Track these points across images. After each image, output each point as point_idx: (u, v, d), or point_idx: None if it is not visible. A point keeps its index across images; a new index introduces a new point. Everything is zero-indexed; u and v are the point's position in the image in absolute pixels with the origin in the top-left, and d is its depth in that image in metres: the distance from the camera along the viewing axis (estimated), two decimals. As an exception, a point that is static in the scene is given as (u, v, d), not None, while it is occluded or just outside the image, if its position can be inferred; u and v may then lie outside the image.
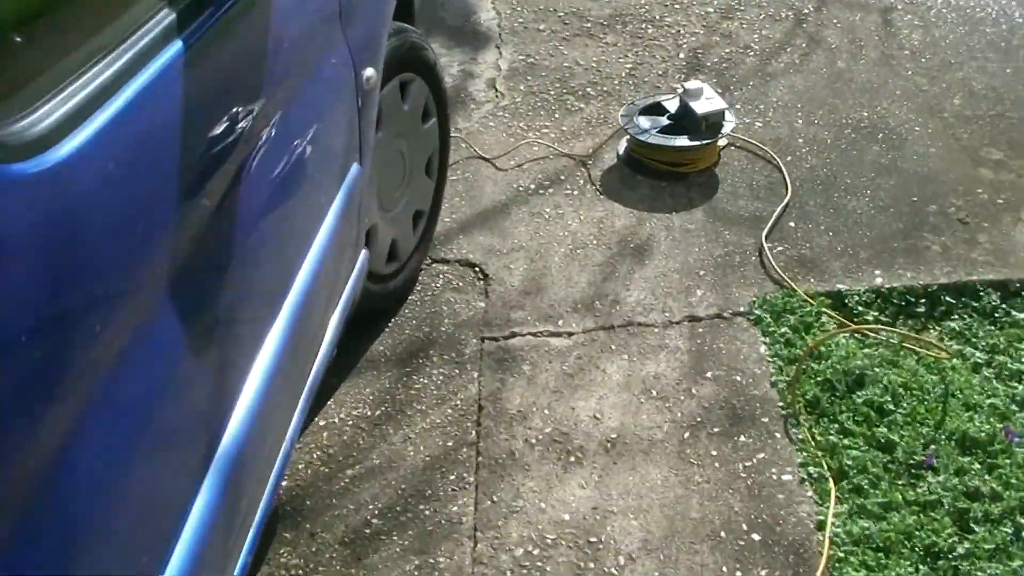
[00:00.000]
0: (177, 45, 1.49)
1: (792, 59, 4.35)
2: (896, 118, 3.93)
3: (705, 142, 3.56)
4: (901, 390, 2.77)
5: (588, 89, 4.17)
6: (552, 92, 4.16)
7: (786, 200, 3.49)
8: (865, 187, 3.54)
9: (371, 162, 2.55)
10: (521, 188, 3.61)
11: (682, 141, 3.54)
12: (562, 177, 3.65)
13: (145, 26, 1.45)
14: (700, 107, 3.57)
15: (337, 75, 2.20)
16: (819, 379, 2.81)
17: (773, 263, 3.19)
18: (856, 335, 3.00)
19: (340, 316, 2.46)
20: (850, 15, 4.69)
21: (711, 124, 3.58)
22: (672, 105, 3.71)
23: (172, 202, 1.45)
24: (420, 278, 3.24)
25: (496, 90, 4.19)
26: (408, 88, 2.91)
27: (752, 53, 4.40)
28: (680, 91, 3.66)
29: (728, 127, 3.59)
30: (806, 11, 4.74)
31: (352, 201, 2.37)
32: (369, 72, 2.37)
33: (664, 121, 3.66)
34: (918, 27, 4.59)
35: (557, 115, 4.01)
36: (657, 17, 4.71)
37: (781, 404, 2.74)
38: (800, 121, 3.91)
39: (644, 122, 3.64)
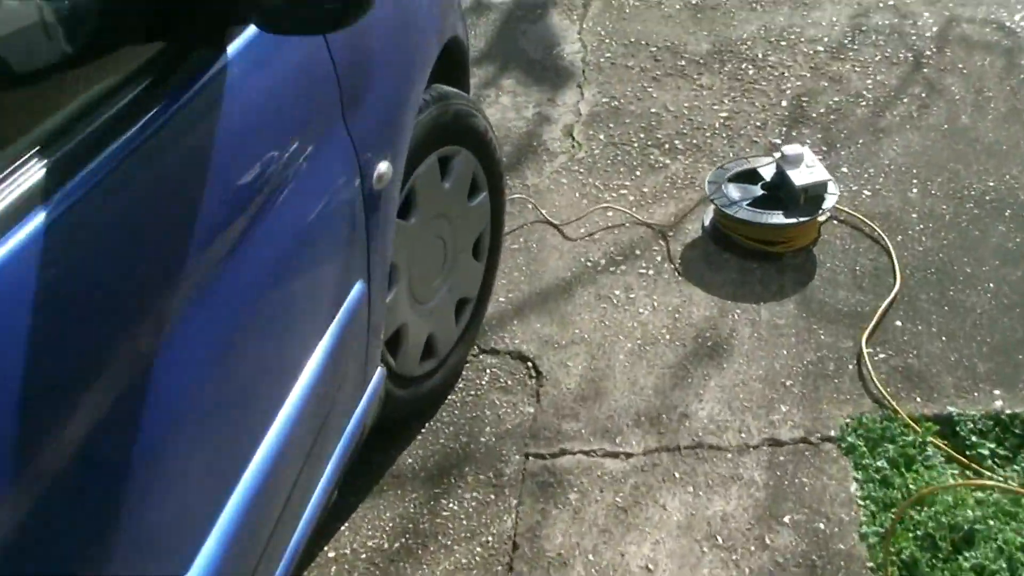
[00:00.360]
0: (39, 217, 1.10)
1: (909, 111, 3.83)
2: (1028, 191, 3.40)
3: (803, 220, 3.07)
4: (1020, 554, 2.28)
5: (676, 141, 3.70)
6: (635, 144, 3.70)
7: (893, 292, 3.00)
8: (987, 279, 3.03)
9: (385, 273, 2.15)
10: (590, 263, 3.17)
11: (776, 218, 3.06)
12: (637, 251, 3.20)
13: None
14: (799, 177, 3.10)
15: (330, 179, 1.81)
16: (918, 532, 2.36)
17: (873, 375, 2.72)
18: (967, 471, 2.51)
19: (341, 456, 2.07)
20: (976, 59, 4.15)
21: (811, 197, 3.11)
22: (767, 172, 3.24)
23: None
24: (464, 372, 2.82)
25: (573, 139, 3.75)
26: (451, 163, 2.51)
27: (864, 103, 3.89)
28: (777, 156, 3.19)
29: (830, 202, 3.11)
30: (927, 52, 4.21)
31: (355, 325, 1.97)
32: (382, 168, 1.97)
33: (757, 191, 3.19)
34: (1057, 76, 4.03)
35: (638, 172, 3.56)
36: (760, 56, 4.21)
37: (871, 565, 2.29)
38: (915, 190, 3.40)
39: (734, 191, 3.18)
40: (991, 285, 3.02)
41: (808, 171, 3.14)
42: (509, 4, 4.78)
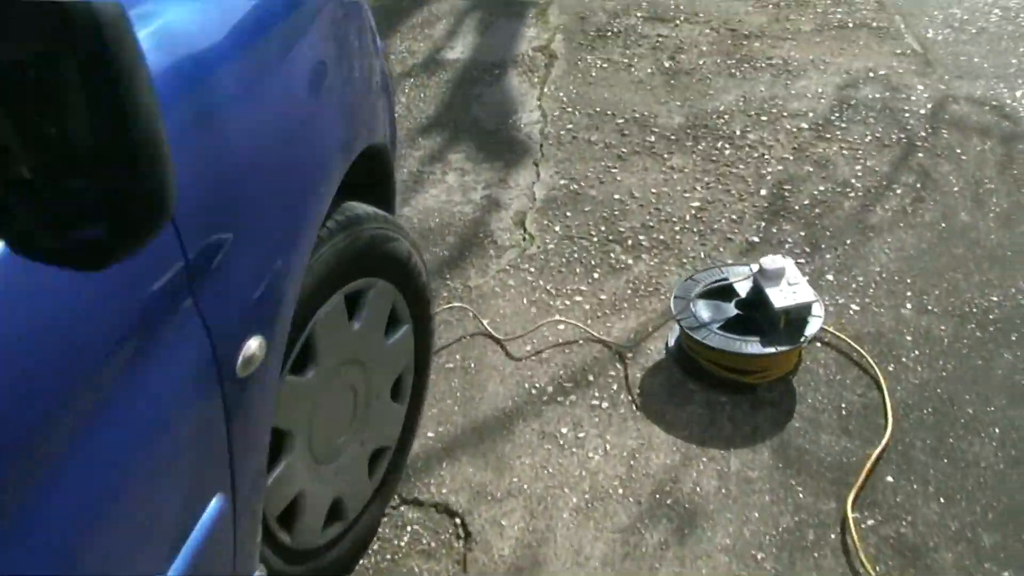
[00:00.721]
0: None
1: (902, 205, 3.41)
2: (1035, 308, 2.96)
3: (782, 349, 2.63)
4: None
5: (640, 236, 3.25)
6: (595, 238, 3.25)
7: (885, 440, 2.58)
8: (992, 422, 2.60)
9: (260, 470, 1.70)
10: (535, 390, 2.71)
11: (752, 346, 2.63)
12: (590, 377, 2.75)
13: None
14: (779, 298, 2.66)
15: (167, 384, 1.35)
16: None
17: (859, 548, 2.30)
18: None
19: None
20: (974, 142, 3.73)
21: (792, 320, 2.66)
22: (743, 287, 2.79)
23: None
24: (381, 529, 2.36)
25: (525, 230, 3.30)
26: (363, 298, 2.05)
27: (852, 193, 3.46)
28: (755, 269, 2.74)
29: (814, 326, 2.67)
30: (921, 134, 3.79)
31: (213, 546, 1.53)
32: (251, 348, 1.52)
33: (731, 310, 2.76)
34: (1064, 166, 3.61)
35: (596, 275, 3.10)
36: (738, 132, 3.77)
37: None
38: (909, 305, 2.96)
39: (704, 311, 2.74)
40: (996, 431, 2.59)
41: (790, 289, 2.70)
42: (465, 62, 4.34)
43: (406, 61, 4.37)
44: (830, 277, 3.12)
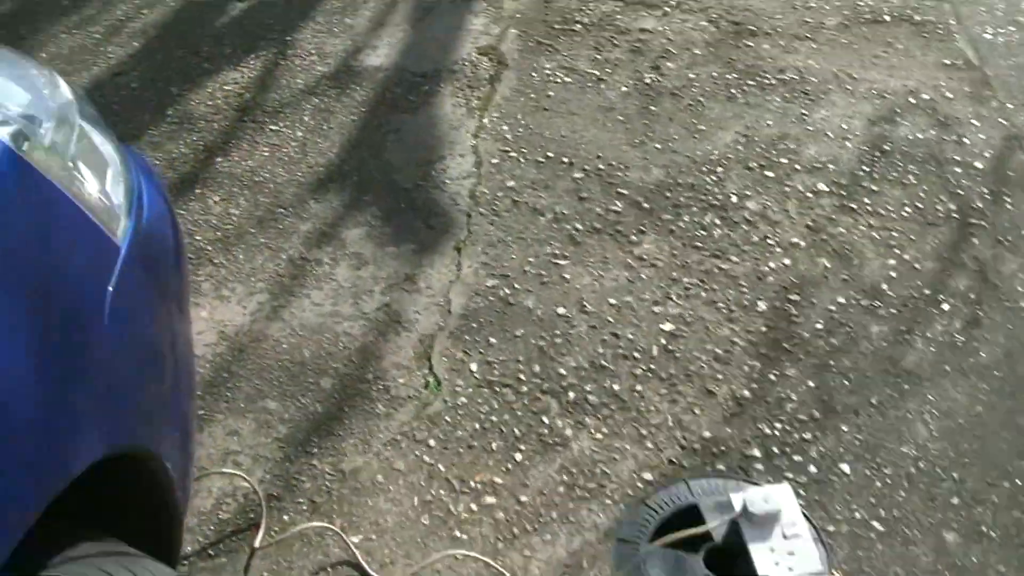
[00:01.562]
0: None
1: (948, 334, 2.47)
2: None
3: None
4: None
5: (587, 386, 2.30)
6: (524, 387, 2.30)
7: None
8: None
9: None
10: None
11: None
12: (492, 659, 1.83)
13: None
14: (767, 564, 1.80)
15: None
16: None
17: None
18: None
19: None
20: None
21: None
22: (718, 530, 1.84)
23: None
24: None
25: (430, 368, 2.33)
26: None
27: (883, 310, 2.51)
28: (737, 506, 1.80)
29: (819, 602, 1.74)
30: (978, 204, 2.82)
31: None
32: None
33: (698, 568, 1.84)
34: None
35: (520, 454, 2.17)
36: (734, 198, 2.78)
37: None
38: (955, 524, 2.05)
39: (660, 568, 1.80)
40: None
41: (785, 547, 1.83)
42: (387, 73, 3.32)
43: (313, 69, 3.34)
44: (845, 468, 2.17)
